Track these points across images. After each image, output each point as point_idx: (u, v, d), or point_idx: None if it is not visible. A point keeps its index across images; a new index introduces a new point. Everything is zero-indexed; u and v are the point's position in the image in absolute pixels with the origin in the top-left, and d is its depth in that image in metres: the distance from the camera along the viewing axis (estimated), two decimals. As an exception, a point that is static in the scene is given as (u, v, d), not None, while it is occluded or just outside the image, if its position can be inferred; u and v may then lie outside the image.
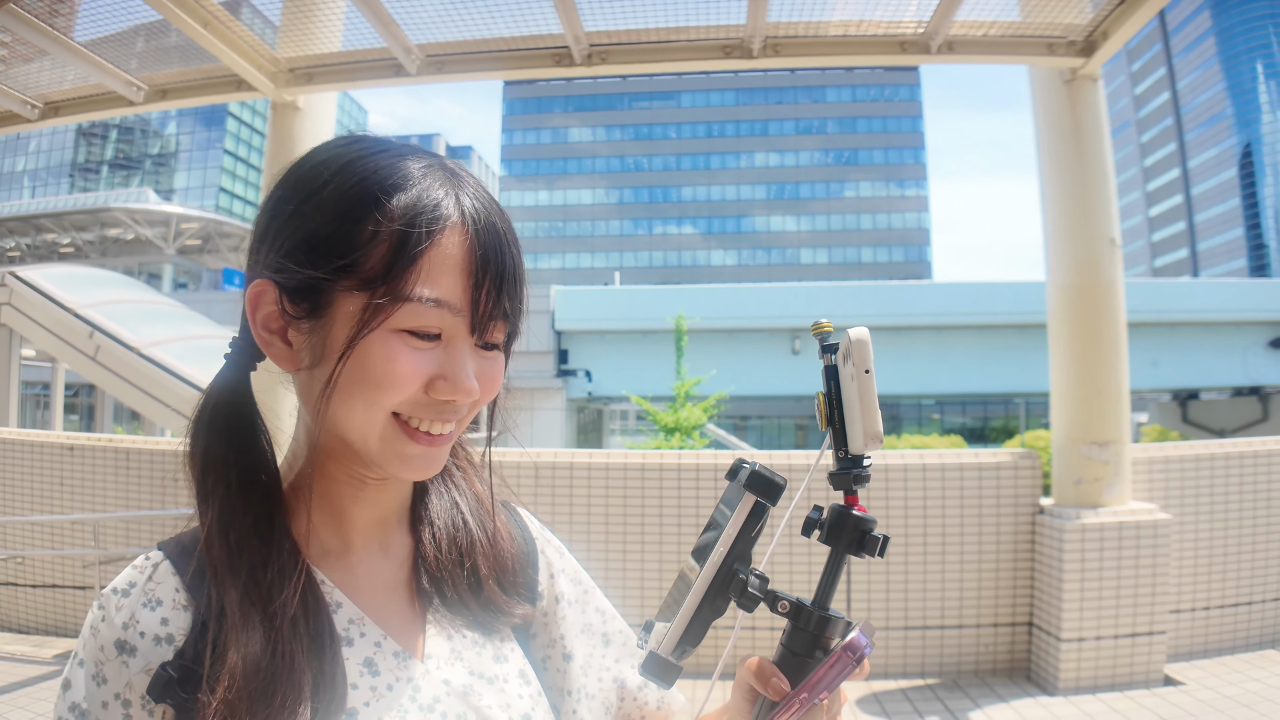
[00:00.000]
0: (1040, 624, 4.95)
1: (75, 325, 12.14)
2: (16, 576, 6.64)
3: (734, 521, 0.70)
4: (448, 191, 0.71)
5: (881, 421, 0.67)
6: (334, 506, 0.79)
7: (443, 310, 0.69)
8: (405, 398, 0.70)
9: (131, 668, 0.68)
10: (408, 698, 0.75)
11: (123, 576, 0.73)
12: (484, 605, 0.84)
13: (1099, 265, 4.92)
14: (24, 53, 5.23)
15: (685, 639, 0.70)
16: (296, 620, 0.70)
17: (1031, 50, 4.80)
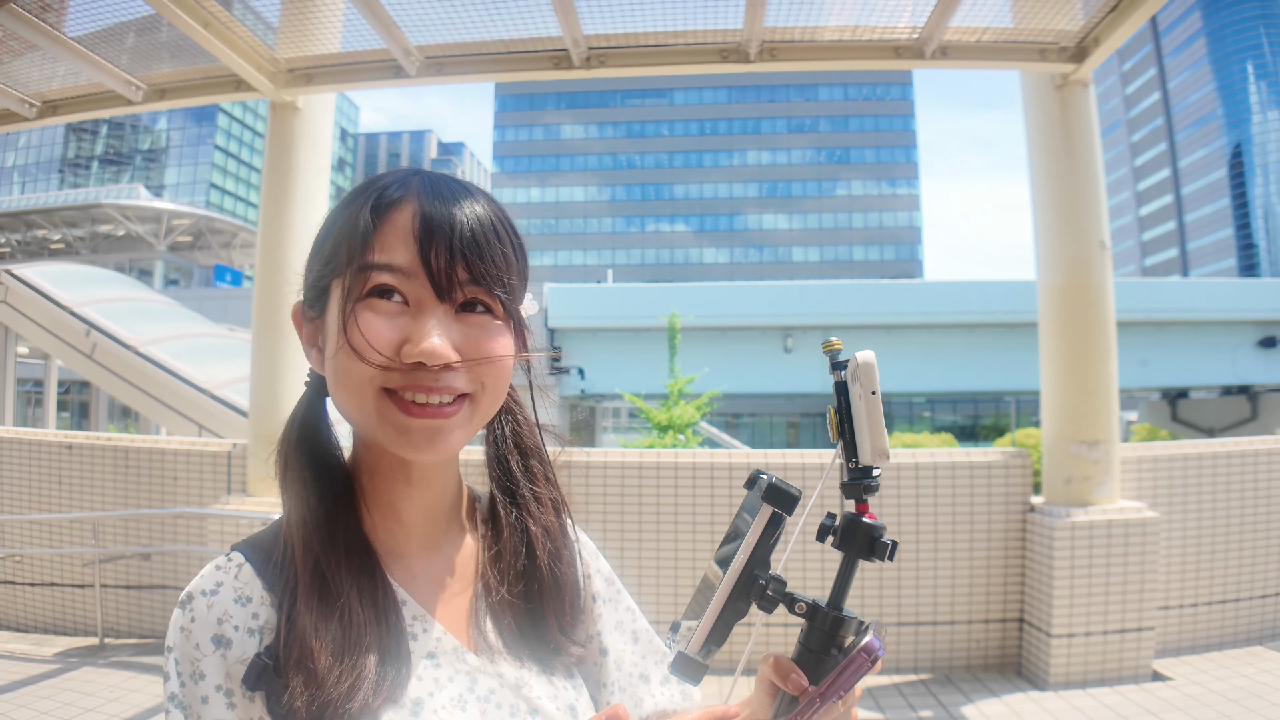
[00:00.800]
0: (1031, 620, 5.02)
1: (72, 323, 12.10)
2: (15, 575, 6.64)
3: (753, 530, 0.75)
4: (404, 179, 0.80)
5: (888, 439, 0.72)
6: (390, 506, 0.85)
7: (398, 275, 0.75)
8: (382, 363, 0.74)
9: (229, 659, 0.74)
10: (466, 689, 0.81)
11: (207, 579, 0.78)
12: (539, 639, 0.88)
13: (1089, 267, 4.99)
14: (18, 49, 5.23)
15: (710, 639, 0.75)
16: (367, 614, 0.77)
17: (1024, 56, 4.86)
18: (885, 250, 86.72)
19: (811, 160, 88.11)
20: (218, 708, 0.73)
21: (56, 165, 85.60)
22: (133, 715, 4.48)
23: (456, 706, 0.79)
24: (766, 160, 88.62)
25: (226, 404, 10.55)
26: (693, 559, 5.19)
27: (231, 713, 0.73)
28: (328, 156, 5.73)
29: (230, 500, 5.58)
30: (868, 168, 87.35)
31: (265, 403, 5.41)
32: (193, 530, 6.00)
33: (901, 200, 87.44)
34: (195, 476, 6.09)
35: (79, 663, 5.42)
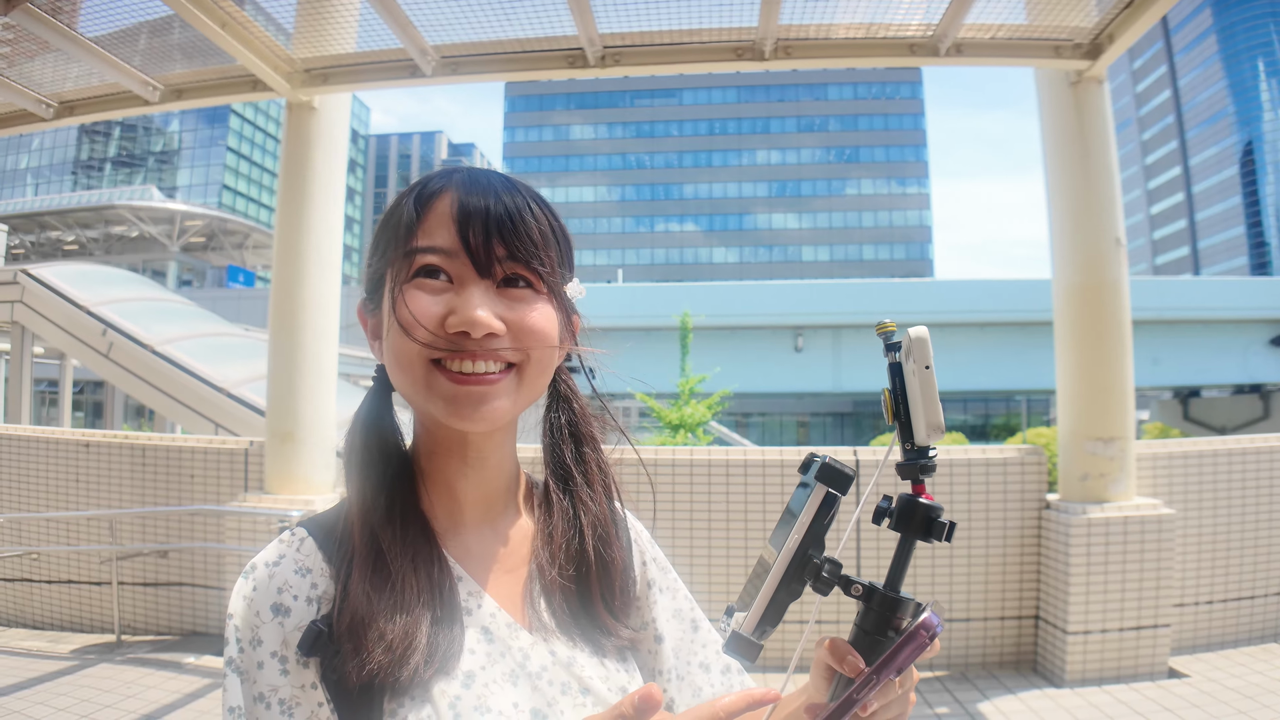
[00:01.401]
0: (1047, 617, 5.02)
1: (88, 323, 12.16)
2: (33, 573, 6.68)
3: (807, 510, 0.75)
4: (447, 174, 0.86)
5: (942, 413, 0.72)
6: (446, 485, 0.89)
7: (440, 255, 0.81)
8: (427, 336, 0.79)
9: (286, 627, 0.77)
10: (518, 665, 0.83)
11: (270, 551, 0.82)
12: (591, 621, 0.90)
13: (1104, 264, 4.98)
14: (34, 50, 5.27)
15: (765, 619, 0.74)
16: (421, 585, 0.80)
17: (1038, 53, 4.86)
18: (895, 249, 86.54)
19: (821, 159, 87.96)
20: (272, 673, 0.76)
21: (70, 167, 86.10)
22: (150, 712, 4.51)
23: (508, 681, 0.81)
24: (776, 160, 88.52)
25: (243, 402, 10.60)
26: (708, 554, 5.20)
27: (285, 679, 0.76)
28: (344, 156, 5.76)
29: (247, 498, 5.60)
30: (877, 167, 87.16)
31: (282, 401, 5.44)
32: (210, 527, 6.03)
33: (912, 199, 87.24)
34: (212, 474, 6.13)
35: (96, 659, 5.46)
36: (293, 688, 0.76)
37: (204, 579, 6.16)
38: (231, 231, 45.62)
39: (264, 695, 0.76)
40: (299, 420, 5.40)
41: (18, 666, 5.31)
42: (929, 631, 0.70)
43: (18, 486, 6.73)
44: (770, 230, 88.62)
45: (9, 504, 6.72)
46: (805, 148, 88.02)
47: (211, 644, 5.79)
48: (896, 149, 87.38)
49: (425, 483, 0.88)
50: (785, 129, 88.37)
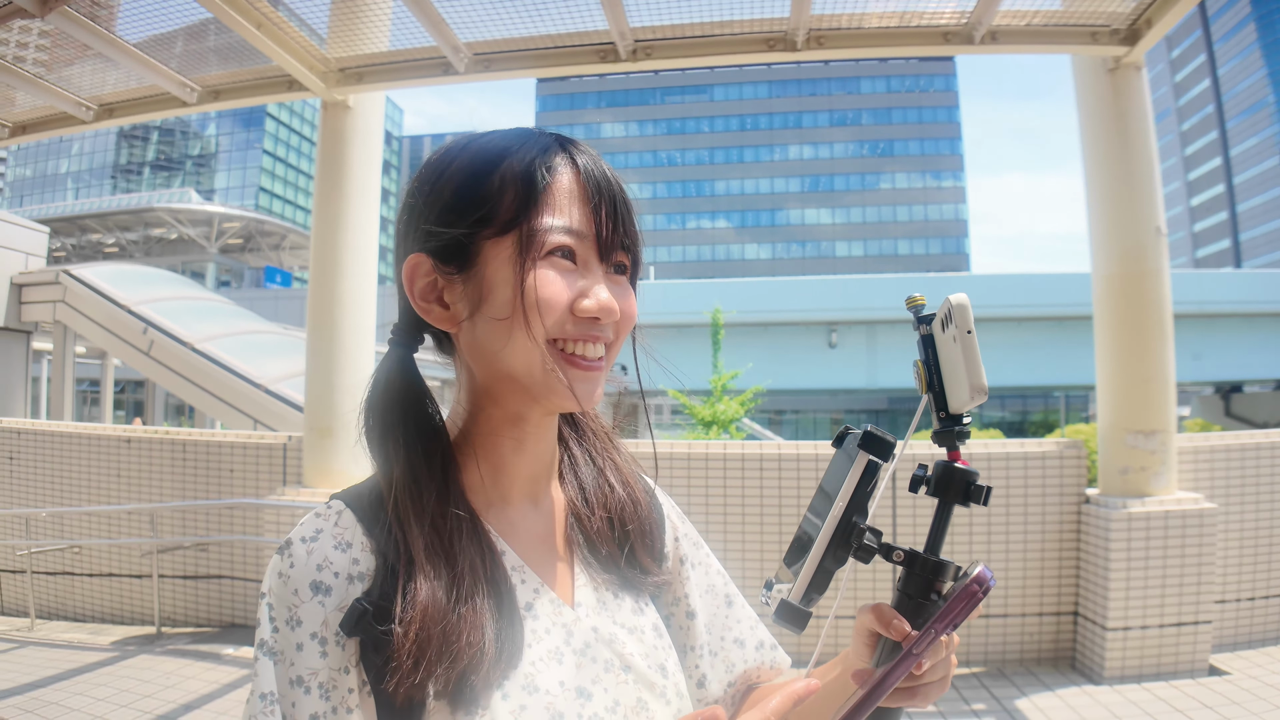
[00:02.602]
0: (1086, 613, 4.95)
1: (129, 321, 12.38)
2: (74, 566, 6.83)
3: (850, 477, 0.76)
4: (555, 143, 0.83)
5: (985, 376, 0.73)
6: (496, 459, 0.87)
7: (574, 236, 0.79)
8: (556, 318, 0.78)
9: (327, 606, 0.74)
10: (563, 641, 0.82)
11: (307, 526, 0.78)
12: (631, 565, 0.92)
13: (1144, 254, 4.90)
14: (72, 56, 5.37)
15: (812, 587, 0.76)
16: (475, 566, 0.78)
17: (1074, 39, 4.79)
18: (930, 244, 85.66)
19: (854, 153, 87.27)
20: (311, 655, 0.73)
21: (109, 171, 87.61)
22: (189, 701, 4.58)
23: (554, 659, 0.81)
24: (809, 154, 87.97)
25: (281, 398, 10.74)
26: (741, 548, 5.19)
27: (323, 661, 0.73)
28: (378, 154, 5.82)
29: (285, 491, 5.68)
30: (912, 160, 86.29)
31: (320, 397, 5.51)
32: (249, 521, 6.13)
33: (947, 193, 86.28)
34: (251, 469, 6.22)
35: (136, 651, 5.57)
36: (331, 670, 0.73)
37: (243, 572, 6.25)
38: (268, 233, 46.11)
39: (302, 679, 0.73)
40: (337, 415, 5.46)
41: (59, 658, 5.41)
42: (982, 585, 0.71)
43: (60, 482, 6.88)
44: (803, 226, 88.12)
45: (52, 499, 6.87)
46: (838, 142, 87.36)
47: (250, 635, 5.87)
48: (931, 142, 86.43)
49: (475, 460, 0.86)
50: (818, 123, 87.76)
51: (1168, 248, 4.99)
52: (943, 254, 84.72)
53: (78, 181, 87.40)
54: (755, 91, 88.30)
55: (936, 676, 0.77)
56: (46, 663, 5.27)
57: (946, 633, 0.72)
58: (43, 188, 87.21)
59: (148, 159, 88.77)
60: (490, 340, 0.80)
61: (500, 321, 0.79)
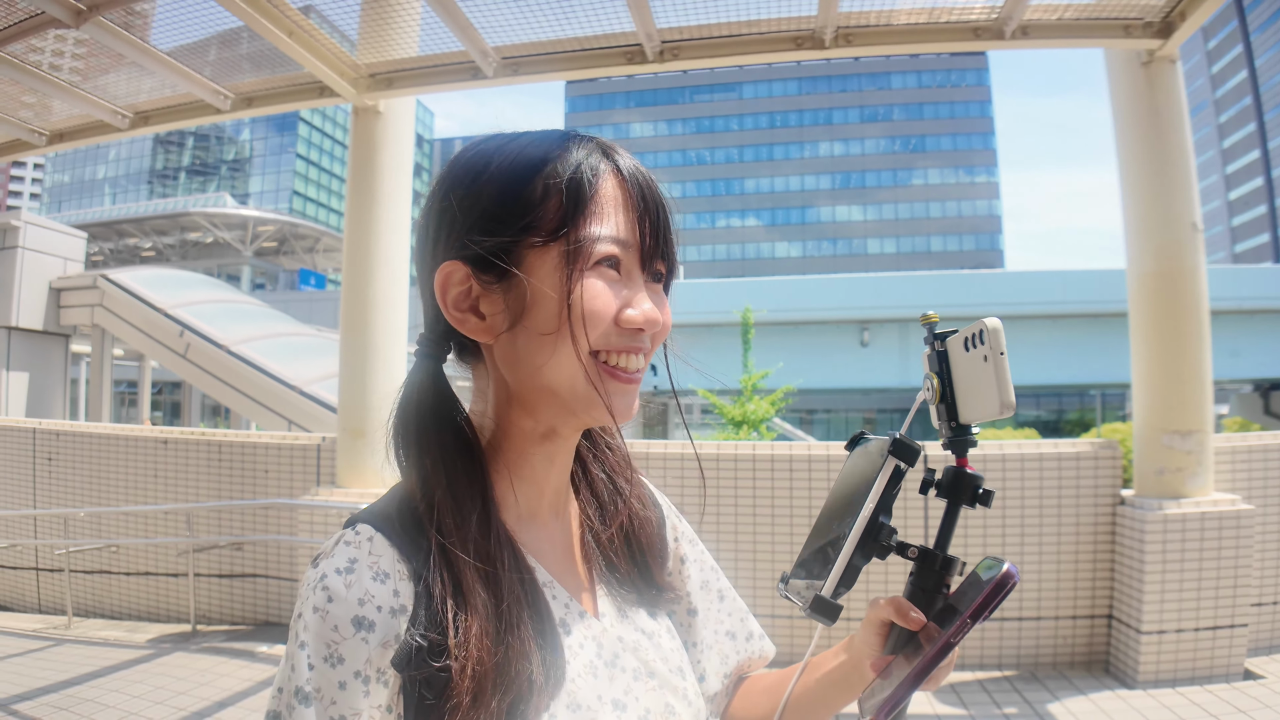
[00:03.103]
0: (1120, 616, 4.88)
1: (166, 324, 12.59)
2: (111, 565, 6.95)
3: (880, 480, 0.82)
4: (596, 148, 0.80)
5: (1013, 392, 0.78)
6: (527, 473, 0.84)
7: (619, 245, 0.77)
8: (602, 331, 0.76)
9: (371, 643, 0.69)
10: (594, 654, 0.82)
11: (339, 557, 0.73)
12: (644, 576, 0.92)
13: (1180, 251, 4.82)
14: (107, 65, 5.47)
15: (842, 582, 0.81)
16: (515, 590, 0.76)
17: (1107, 32, 4.72)
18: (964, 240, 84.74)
19: (885, 150, 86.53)
20: (354, 695, 0.69)
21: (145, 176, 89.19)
22: (223, 699, 4.64)
23: (589, 673, 0.80)
24: (839, 151, 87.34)
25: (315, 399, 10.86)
26: (771, 548, 5.18)
27: (366, 700, 0.69)
28: (409, 158, 5.87)
29: (319, 492, 5.75)
30: (944, 155, 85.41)
31: (353, 398, 5.57)
32: (283, 521, 6.21)
33: (980, 188, 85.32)
34: (285, 469, 6.30)
35: (171, 648, 5.65)
36: (372, 709, 0.69)
37: (277, 570, 6.34)
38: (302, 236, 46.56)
39: (345, 719, 0.69)
40: (370, 417, 5.52)
41: (95, 655, 5.49)
42: (1011, 581, 0.75)
43: (98, 482, 7.00)
44: (834, 223, 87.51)
45: (90, 499, 7.00)
46: (869, 138, 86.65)
47: (284, 633, 5.93)
48: (963, 137, 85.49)
49: (507, 474, 0.83)
50: (848, 120, 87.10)
51: (1204, 243, 4.91)
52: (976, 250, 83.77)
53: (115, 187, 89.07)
54: (785, 88, 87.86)
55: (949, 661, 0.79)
56: (83, 660, 5.36)
57: (981, 621, 0.75)
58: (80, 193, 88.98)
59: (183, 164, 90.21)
60: (533, 353, 0.77)
61: (545, 335, 0.76)
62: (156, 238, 45.69)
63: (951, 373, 0.84)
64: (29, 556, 7.40)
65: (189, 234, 45.83)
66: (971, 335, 0.81)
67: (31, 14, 4.57)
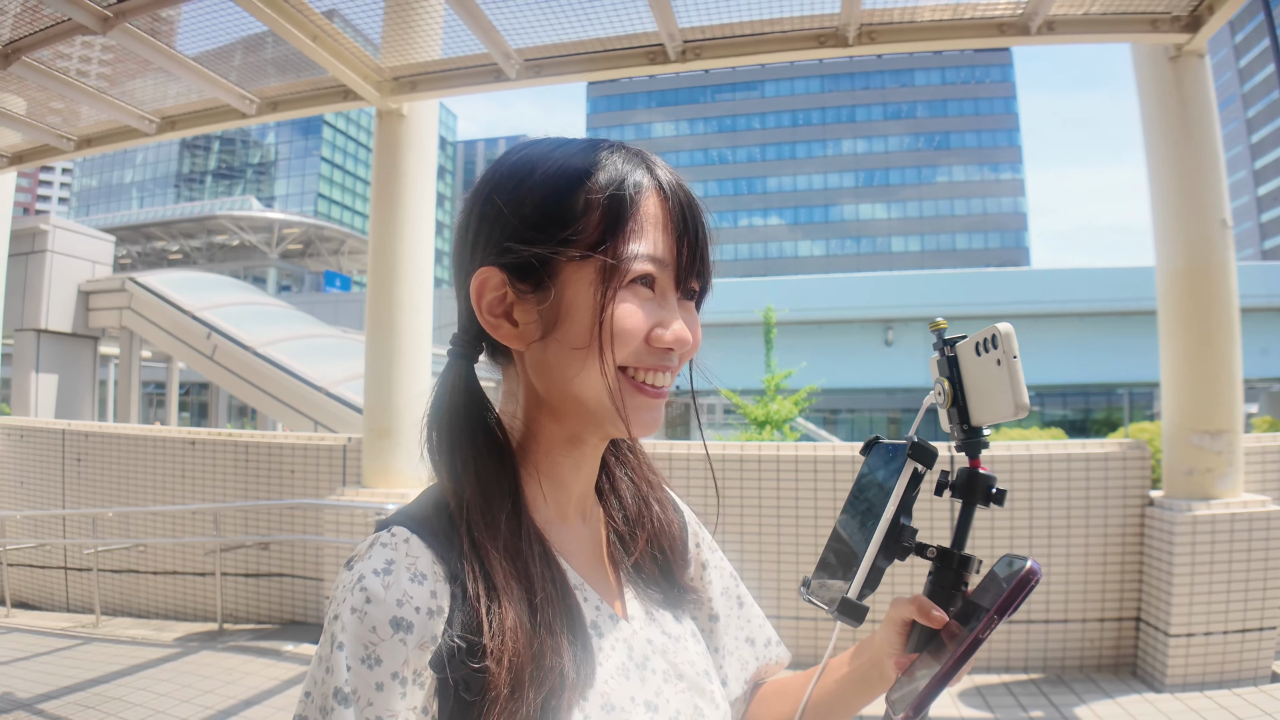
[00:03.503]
0: (1148, 619, 4.82)
1: (193, 327, 12.73)
2: (138, 564, 7.04)
3: (900, 482, 0.84)
4: (640, 163, 0.80)
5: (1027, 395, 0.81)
6: (555, 476, 0.85)
7: (655, 264, 0.77)
8: (633, 349, 0.77)
9: (409, 644, 0.69)
10: (625, 656, 0.82)
11: (376, 558, 0.73)
12: (669, 581, 0.93)
13: (1210, 247, 4.76)
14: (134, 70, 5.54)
15: (867, 584, 0.83)
16: (547, 587, 0.76)
17: (1134, 27, 4.67)
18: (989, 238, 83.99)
19: (909, 147, 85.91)
20: (391, 696, 0.68)
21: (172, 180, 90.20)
22: (249, 697, 4.69)
23: (621, 675, 0.80)
24: (862, 149, 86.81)
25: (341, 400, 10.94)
26: (796, 551, 5.16)
27: (402, 702, 0.69)
28: (433, 161, 5.91)
29: (345, 492, 5.79)
30: (969, 153, 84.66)
31: (379, 399, 5.61)
32: (309, 521, 6.26)
33: (1005, 185, 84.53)
34: (311, 469, 6.36)
35: (198, 647, 5.71)
36: (408, 711, 0.69)
37: (303, 570, 6.39)
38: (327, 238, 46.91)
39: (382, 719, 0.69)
40: (395, 417, 5.56)
41: (122, 654, 5.56)
42: (1035, 577, 0.77)
43: (127, 482, 7.10)
44: (857, 221, 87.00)
45: (118, 498, 7.09)
46: (893, 135, 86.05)
47: (310, 632, 6.00)
48: (988, 134, 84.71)
49: (536, 476, 0.84)
50: (871, 117, 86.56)
51: (1234, 239, 4.84)
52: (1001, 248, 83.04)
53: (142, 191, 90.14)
54: (807, 86, 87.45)
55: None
56: (110, 658, 5.43)
57: (1007, 617, 0.77)
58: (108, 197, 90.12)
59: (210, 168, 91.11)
60: (563, 365, 0.78)
61: (576, 349, 0.77)
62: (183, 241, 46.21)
63: (962, 377, 0.87)
64: (58, 556, 7.51)
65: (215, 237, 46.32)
66: (983, 340, 0.84)
67: (58, 20, 4.64)
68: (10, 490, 7.75)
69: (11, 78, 5.36)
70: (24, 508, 7.61)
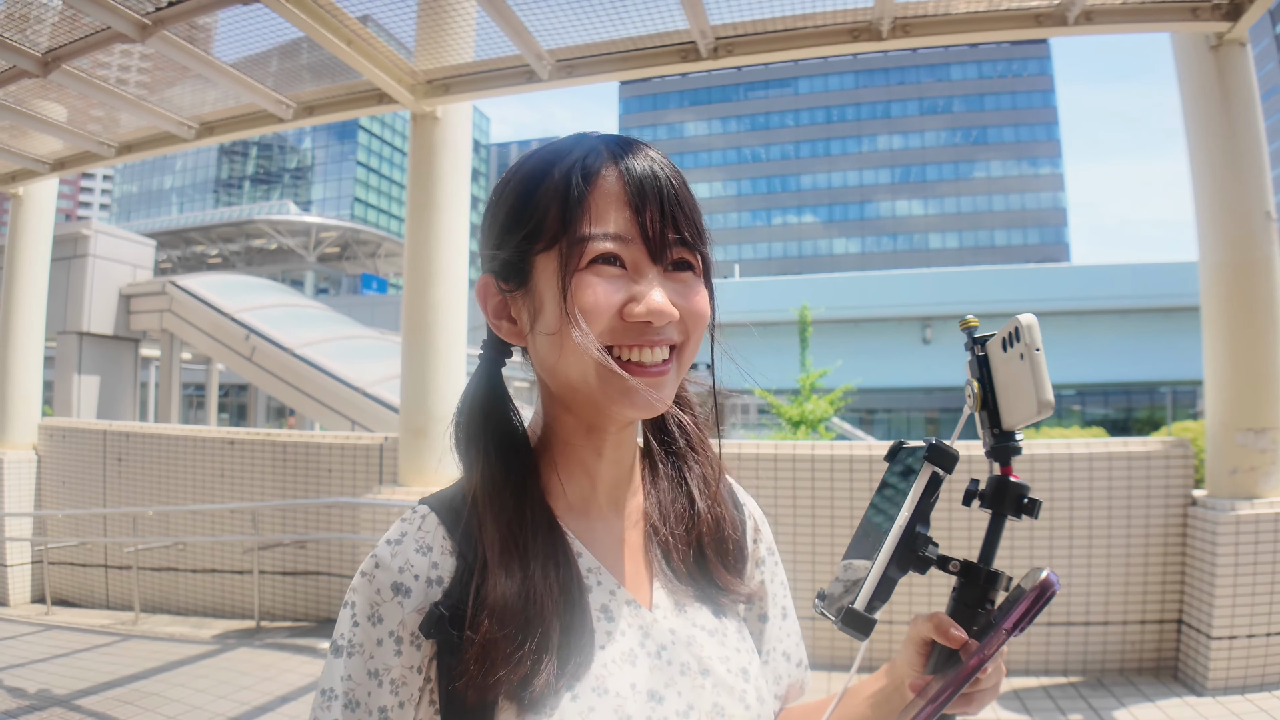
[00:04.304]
0: (1190, 621, 4.73)
1: (232, 329, 12.91)
2: (178, 562, 7.16)
3: (915, 489, 0.80)
4: (597, 146, 0.82)
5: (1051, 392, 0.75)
6: (576, 465, 0.88)
7: (618, 241, 0.79)
8: (604, 326, 0.78)
9: (405, 607, 0.78)
10: (637, 643, 0.83)
11: (394, 529, 0.82)
12: (708, 578, 0.92)
13: (1254, 241, 4.66)
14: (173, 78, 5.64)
15: (877, 595, 0.78)
16: (547, 568, 0.80)
17: (1174, 16, 4.58)
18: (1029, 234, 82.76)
19: (946, 142, 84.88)
20: (387, 652, 0.77)
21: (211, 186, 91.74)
22: (286, 693, 4.75)
23: (626, 661, 0.81)
24: (898, 145, 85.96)
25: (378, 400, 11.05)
26: (830, 550, 5.13)
27: (397, 660, 0.77)
28: (468, 163, 5.95)
29: (382, 490, 5.85)
30: (1007, 147, 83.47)
31: (415, 398, 5.66)
32: (346, 519, 6.32)
33: (1044, 181, 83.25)
34: (348, 469, 6.42)
35: (236, 644, 5.81)
36: (403, 668, 0.77)
37: (339, 568, 6.46)
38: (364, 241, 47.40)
39: (378, 672, 0.77)
40: (431, 416, 5.60)
41: (161, 650, 5.66)
42: (1050, 590, 0.74)
43: (166, 482, 7.22)
44: (894, 218, 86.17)
45: (158, 498, 7.21)
46: (929, 131, 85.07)
47: (347, 632, 6.05)
48: (1026, 128, 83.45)
49: (556, 468, 0.88)
50: (907, 112, 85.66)
51: (1279, 233, 4.73)
52: (1041, 244, 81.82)
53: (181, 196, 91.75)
54: (841, 83, 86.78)
55: (992, 682, 0.78)
56: (149, 655, 5.53)
57: (1017, 634, 0.74)
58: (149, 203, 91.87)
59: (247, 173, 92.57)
60: (547, 353, 0.81)
61: (550, 335, 0.80)
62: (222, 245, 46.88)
63: (993, 377, 0.82)
64: (98, 554, 7.66)
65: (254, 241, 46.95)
66: (1008, 334, 0.79)
67: (98, 29, 4.73)
68: (52, 489, 7.92)
69: (52, 86, 5.48)
70: (66, 507, 7.76)
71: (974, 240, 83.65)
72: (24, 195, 7.99)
